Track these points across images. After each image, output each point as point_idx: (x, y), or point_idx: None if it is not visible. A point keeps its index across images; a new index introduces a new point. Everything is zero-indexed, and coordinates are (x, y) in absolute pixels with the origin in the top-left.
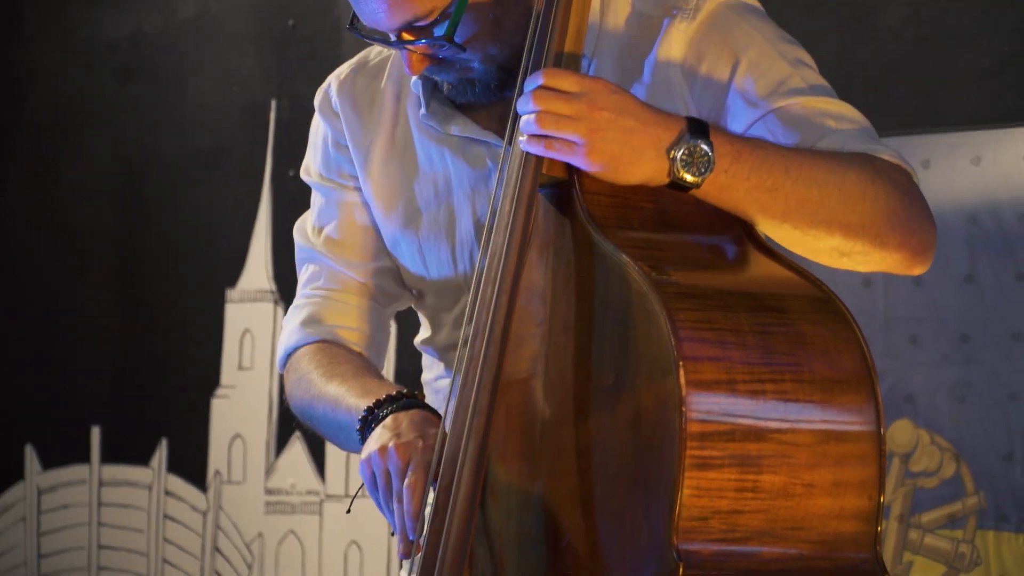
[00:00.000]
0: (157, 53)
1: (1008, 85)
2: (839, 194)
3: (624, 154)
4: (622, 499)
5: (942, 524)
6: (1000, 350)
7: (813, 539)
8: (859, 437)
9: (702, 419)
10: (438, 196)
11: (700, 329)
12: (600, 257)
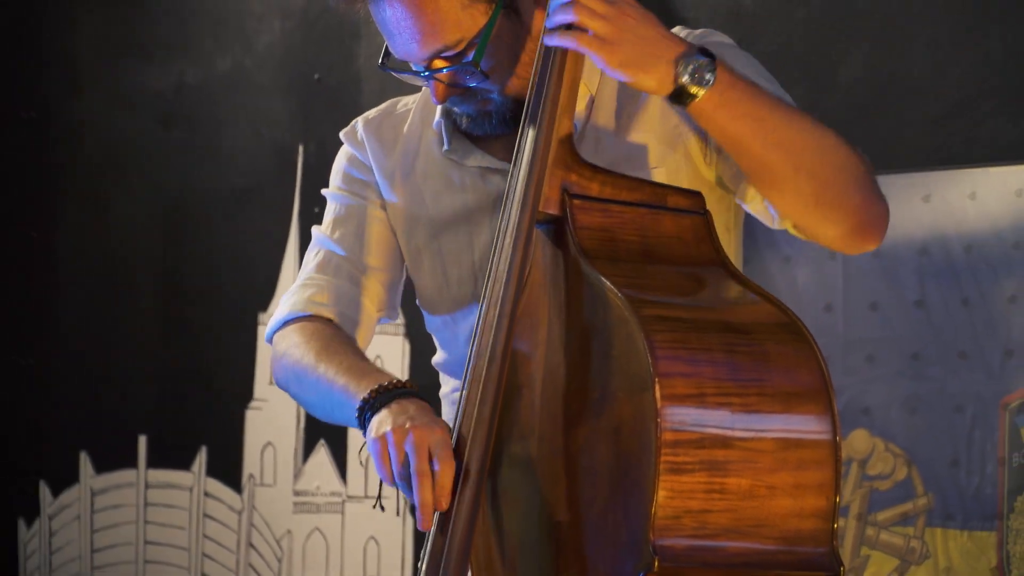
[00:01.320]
0: (197, 102)
1: (954, 131)
2: (817, 144)
3: (641, 58)
4: (606, 499)
5: (895, 522)
6: (947, 367)
7: (775, 535)
8: (816, 444)
9: (675, 429)
10: (460, 216)
11: (674, 348)
12: (588, 285)
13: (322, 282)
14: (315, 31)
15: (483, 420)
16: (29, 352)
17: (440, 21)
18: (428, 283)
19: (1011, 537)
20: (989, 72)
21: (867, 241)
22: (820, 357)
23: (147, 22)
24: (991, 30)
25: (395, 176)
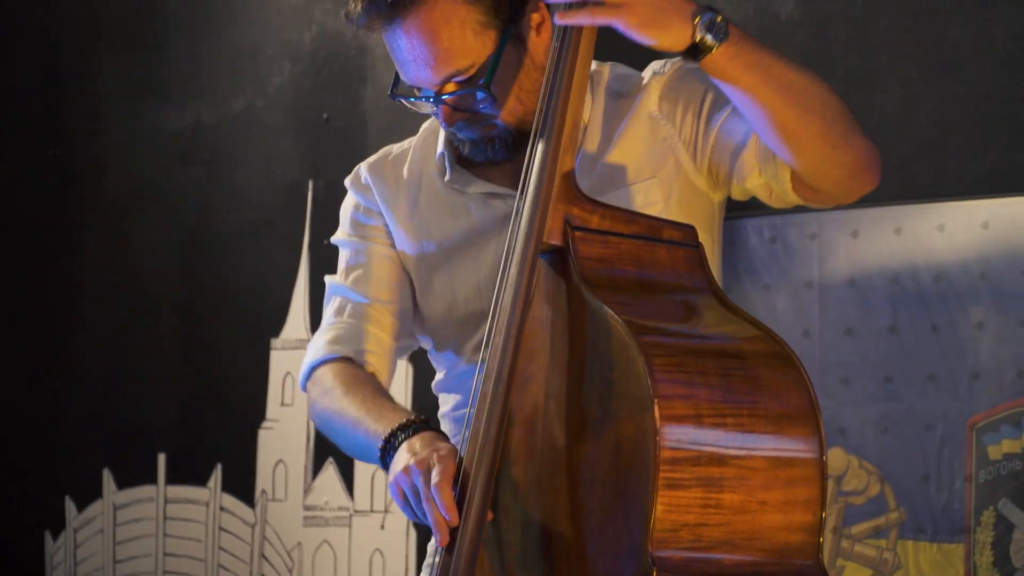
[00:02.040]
0: (212, 141)
1: (924, 168)
2: (819, 89)
3: (657, 17)
4: (606, 513)
5: (869, 535)
6: (917, 389)
7: (766, 548)
8: (805, 463)
9: (673, 447)
10: (465, 240)
11: (672, 372)
12: (590, 312)
13: (339, 325)
14: (323, 75)
15: (489, 439)
16: (55, 374)
17: (453, 47)
18: (437, 306)
19: (978, 549)
20: (956, 112)
21: (867, 180)
22: (808, 382)
23: (165, 65)
24: (958, 73)
25: (403, 210)
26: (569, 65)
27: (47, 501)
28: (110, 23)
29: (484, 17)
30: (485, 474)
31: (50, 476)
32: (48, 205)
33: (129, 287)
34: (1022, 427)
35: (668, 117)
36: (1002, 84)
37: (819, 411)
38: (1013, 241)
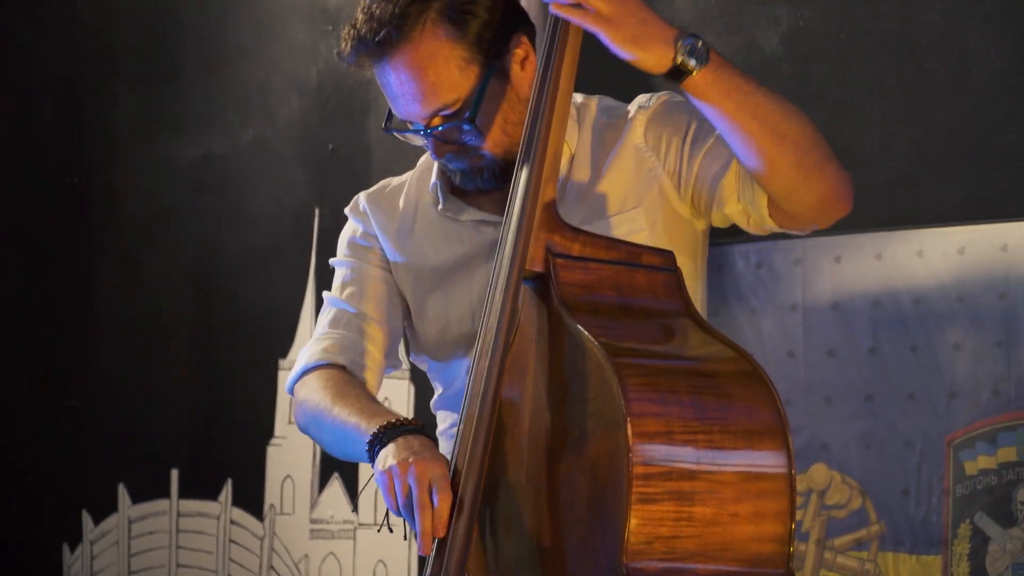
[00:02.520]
0: (223, 171)
1: (903, 196)
2: (795, 117)
3: (642, 36)
4: (585, 526)
5: (851, 547)
6: (897, 408)
7: (738, 558)
8: (774, 476)
9: (646, 463)
10: (458, 264)
11: (645, 391)
12: (569, 336)
13: (334, 335)
14: (329, 107)
15: (476, 458)
16: (73, 394)
17: (439, 83)
18: (431, 328)
19: (955, 561)
20: (933, 143)
21: (840, 207)
22: (777, 399)
23: (178, 99)
24: (934, 106)
25: (398, 237)
26: (550, 98)
27: (65, 514)
28: (126, 60)
29: (468, 53)
30: (472, 492)
31: (68, 491)
32: (66, 232)
33: (143, 310)
34: (997, 444)
35: (653, 149)
36: (976, 117)
37: (788, 426)
38: (988, 266)
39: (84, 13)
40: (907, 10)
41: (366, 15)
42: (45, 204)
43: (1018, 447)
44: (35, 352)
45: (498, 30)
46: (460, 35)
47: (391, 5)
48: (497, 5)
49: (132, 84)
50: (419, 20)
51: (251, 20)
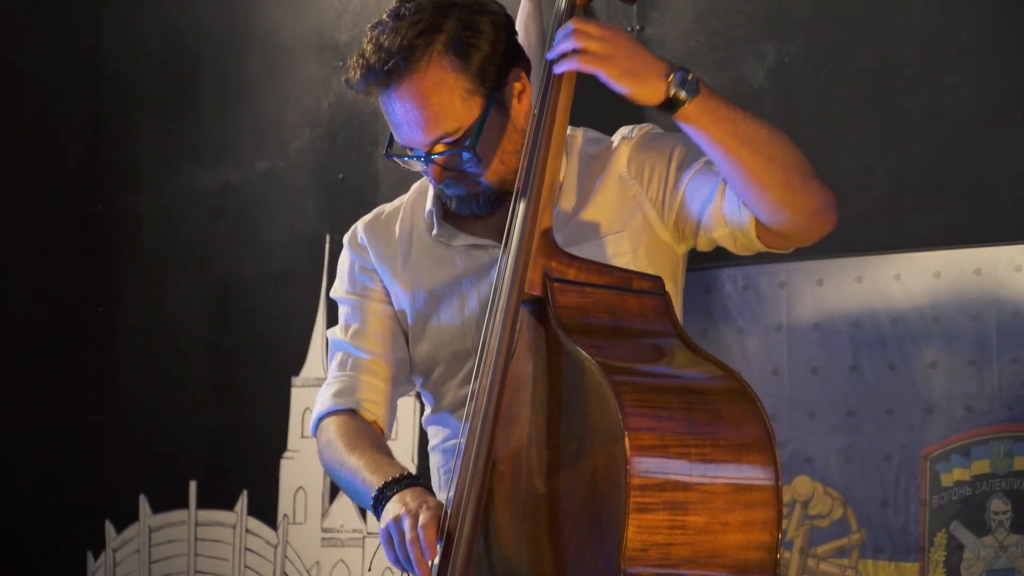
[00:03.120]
0: (239, 199)
1: (881, 223)
2: (780, 141)
3: (637, 71)
4: (584, 534)
5: (833, 554)
6: (877, 422)
7: (728, 565)
8: (762, 488)
9: (642, 475)
10: (451, 287)
11: (641, 407)
12: (567, 355)
13: (343, 380)
14: (339, 139)
15: (478, 470)
16: (97, 410)
17: (443, 111)
18: (425, 348)
19: (931, 568)
20: (910, 172)
21: (826, 222)
22: (764, 415)
23: (197, 131)
24: (911, 137)
25: (396, 265)
26: (547, 132)
27: (89, 524)
28: (148, 93)
29: (471, 85)
30: (474, 501)
31: (91, 501)
32: (91, 257)
33: (164, 331)
34: (971, 457)
35: (636, 177)
36: (951, 148)
37: (774, 441)
38: (962, 288)
39: (108, 50)
40: (885, 47)
41: (375, 45)
42: (71, 230)
43: (991, 460)
44: (60, 370)
45: (498, 64)
46: (464, 67)
47: (399, 36)
48: (499, 40)
49: (153, 117)
50: (426, 51)
51: (265, 57)
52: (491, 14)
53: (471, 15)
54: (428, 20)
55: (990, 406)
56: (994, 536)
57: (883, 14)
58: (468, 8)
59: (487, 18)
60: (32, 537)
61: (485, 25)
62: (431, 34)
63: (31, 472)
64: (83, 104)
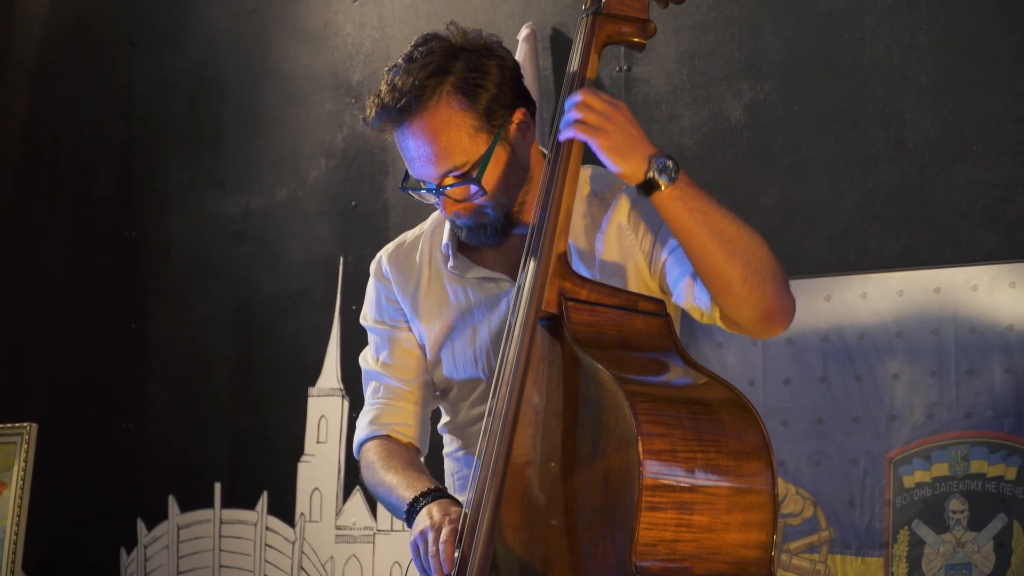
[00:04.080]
0: (260, 224)
1: (848, 246)
2: (747, 239)
3: (625, 148)
4: (597, 531)
5: (804, 550)
6: (843, 429)
7: (728, 561)
8: (760, 491)
9: (653, 476)
10: (464, 317)
11: (652, 415)
12: (583, 366)
13: (377, 407)
14: (352, 169)
15: (498, 469)
16: (129, 418)
17: (452, 147)
18: (443, 370)
19: (895, 562)
20: (875, 199)
21: (776, 326)
22: (763, 425)
23: (221, 162)
24: (876, 167)
25: (416, 296)
26: (563, 165)
27: (122, 522)
28: (175, 127)
29: (478, 123)
30: (494, 497)
31: (125, 501)
32: (124, 278)
33: (190, 345)
34: (932, 460)
35: (634, 230)
36: (912, 177)
37: (771, 449)
38: (923, 306)
39: (138, 88)
40: (852, 85)
41: (389, 86)
42: (106, 253)
43: (950, 463)
44: (96, 381)
45: (504, 104)
46: (471, 106)
47: (412, 77)
48: (504, 82)
49: (180, 149)
50: (436, 92)
51: (283, 93)
52: (498, 58)
53: (479, 59)
54: (438, 63)
55: (949, 414)
56: (952, 533)
57: (850, 55)
58: (476, 52)
59: (494, 62)
60: (70, 533)
61: (492, 68)
62: (441, 75)
63: (69, 474)
64: (116, 137)
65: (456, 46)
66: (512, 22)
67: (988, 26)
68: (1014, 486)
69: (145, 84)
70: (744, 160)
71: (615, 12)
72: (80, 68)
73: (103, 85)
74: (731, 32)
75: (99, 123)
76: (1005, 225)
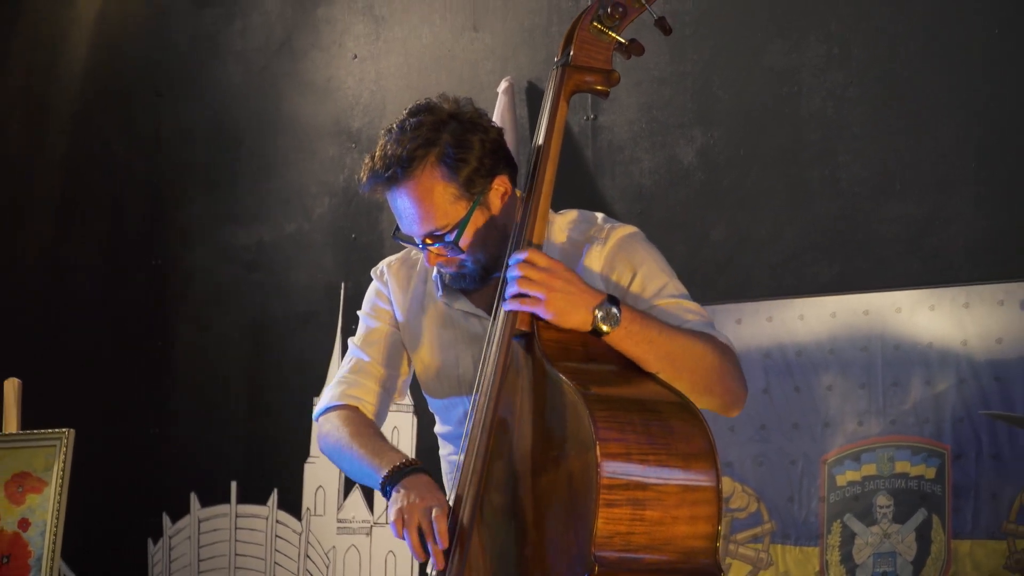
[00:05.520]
0: (271, 254)
1: (788, 274)
2: (693, 354)
3: (567, 308)
4: (563, 525)
5: (749, 540)
6: (784, 435)
7: (678, 550)
8: (705, 489)
9: (610, 476)
10: (447, 345)
11: (609, 422)
12: (549, 378)
13: (352, 380)
14: (352, 206)
15: (476, 470)
16: (156, 424)
17: (434, 211)
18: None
19: (828, 551)
20: (812, 232)
21: (733, 410)
22: (708, 430)
23: (237, 199)
24: (814, 204)
25: (408, 310)
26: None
27: (149, 516)
28: (197, 169)
29: (458, 191)
30: (472, 497)
31: (151, 497)
32: (151, 301)
33: (210, 361)
34: (861, 462)
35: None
36: (845, 213)
37: (716, 451)
38: (853, 326)
39: (164, 135)
40: (792, 131)
41: (382, 152)
42: (135, 280)
43: (877, 464)
44: (126, 392)
45: (484, 173)
46: (453, 177)
47: (401, 148)
48: (485, 154)
49: (201, 188)
50: (422, 162)
51: (292, 139)
52: (481, 131)
53: (463, 133)
54: (425, 135)
55: (876, 421)
56: (879, 526)
57: (789, 106)
58: (462, 126)
59: (477, 136)
60: (104, 526)
61: (475, 143)
62: (427, 147)
63: (103, 473)
64: (144, 177)
65: (443, 118)
66: (493, 77)
67: (910, 80)
68: (933, 484)
69: (170, 131)
70: (696, 198)
71: (582, 64)
72: (113, 117)
73: (133, 132)
74: (684, 86)
75: (129, 165)
76: (926, 254)
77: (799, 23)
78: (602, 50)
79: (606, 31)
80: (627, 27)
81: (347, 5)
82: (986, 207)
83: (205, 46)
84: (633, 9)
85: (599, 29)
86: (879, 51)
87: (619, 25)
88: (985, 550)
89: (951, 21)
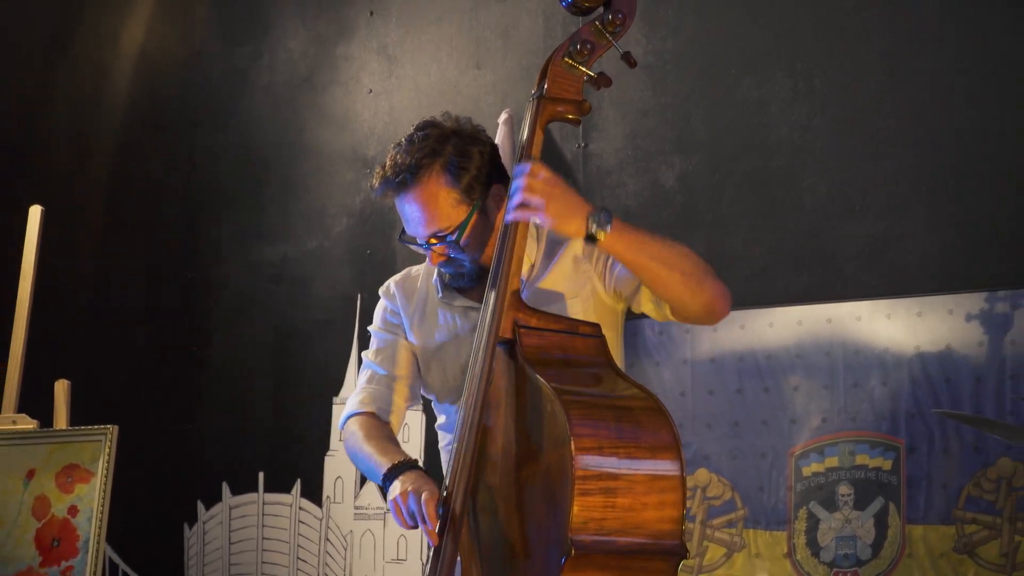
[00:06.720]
0: (295, 267)
1: (759, 285)
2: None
3: (564, 214)
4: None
5: (724, 525)
6: (755, 430)
7: (647, 533)
8: (671, 478)
9: (584, 468)
10: (451, 339)
11: (583, 419)
12: (530, 380)
13: (368, 390)
14: (368, 224)
15: (465, 465)
16: (191, 420)
17: (438, 214)
18: (435, 379)
19: (795, 535)
20: (781, 248)
21: (720, 311)
22: (673, 425)
23: (264, 218)
24: (782, 222)
25: (414, 318)
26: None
27: (185, 503)
28: (228, 190)
29: (459, 197)
30: (463, 487)
31: (187, 486)
32: (186, 311)
33: (240, 363)
34: (825, 455)
35: (587, 258)
36: (811, 230)
37: (680, 444)
38: (818, 333)
39: (199, 160)
40: (762, 156)
41: (392, 161)
42: (172, 291)
43: (839, 457)
44: (165, 391)
45: (482, 181)
46: (455, 184)
47: (409, 157)
48: (484, 165)
49: (232, 208)
50: (427, 170)
51: (314, 164)
52: (480, 144)
53: (465, 145)
54: (431, 146)
55: (838, 418)
56: (841, 512)
57: (759, 135)
58: (463, 139)
59: (476, 148)
60: (144, 512)
61: (475, 154)
62: (432, 157)
63: (144, 465)
64: (181, 197)
65: (447, 133)
66: (494, 108)
67: (868, 112)
68: (889, 475)
69: (203, 157)
70: (676, 218)
71: (555, 95)
72: (152, 144)
73: (170, 158)
74: (666, 117)
75: (167, 187)
76: (884, 269)
77: (768, 61)
78: (573, 83)
79: (576, 66)
80: (595, 62)
81: (363, 44)
82: (937, 226)
83: (235, 81)
84: (600, 46)
85: (570, 64)
86: (840, 86)
87: (588, 60)
88: (937, 534)
89: (905, 59)
